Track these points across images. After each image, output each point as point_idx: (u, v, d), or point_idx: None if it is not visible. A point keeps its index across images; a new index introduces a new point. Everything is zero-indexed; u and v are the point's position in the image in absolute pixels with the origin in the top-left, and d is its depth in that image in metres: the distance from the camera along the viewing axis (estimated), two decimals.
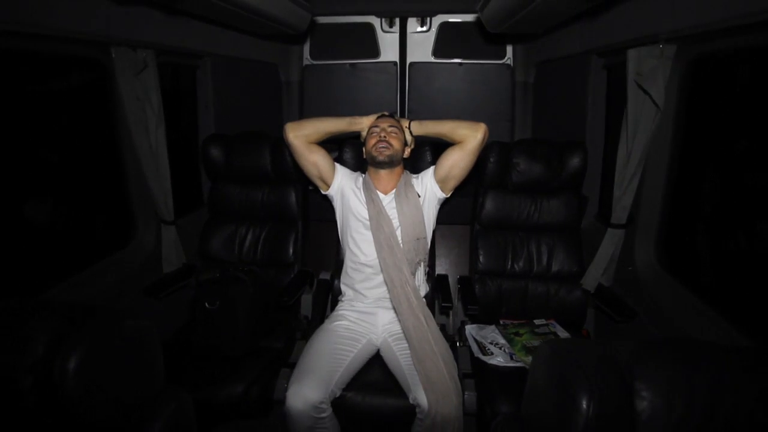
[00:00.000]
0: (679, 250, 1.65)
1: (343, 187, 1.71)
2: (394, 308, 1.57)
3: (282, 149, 1.93)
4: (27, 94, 1.50)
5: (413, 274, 1.64)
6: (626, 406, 0.63)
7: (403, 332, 1.50)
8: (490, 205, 1.97)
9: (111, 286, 1.72)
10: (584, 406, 0.62)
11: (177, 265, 2.02)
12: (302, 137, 1.62)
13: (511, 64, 3.02)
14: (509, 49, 3.01)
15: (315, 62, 3.11)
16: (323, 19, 3.00)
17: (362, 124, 1.72)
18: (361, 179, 1.74)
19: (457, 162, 1.59)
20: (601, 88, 2.01)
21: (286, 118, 3.16)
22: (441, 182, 1.65)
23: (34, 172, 1.55)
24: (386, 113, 1.75)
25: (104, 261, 1.73)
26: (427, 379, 1.38)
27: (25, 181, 1.53)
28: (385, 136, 1.64)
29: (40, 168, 1.59)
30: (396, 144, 1.65)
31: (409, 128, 1.69)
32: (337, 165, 1.74)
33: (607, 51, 1.86)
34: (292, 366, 1.69)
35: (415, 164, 1.95)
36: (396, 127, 1.67)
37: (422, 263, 1.70)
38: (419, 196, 1.67)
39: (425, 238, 1.68)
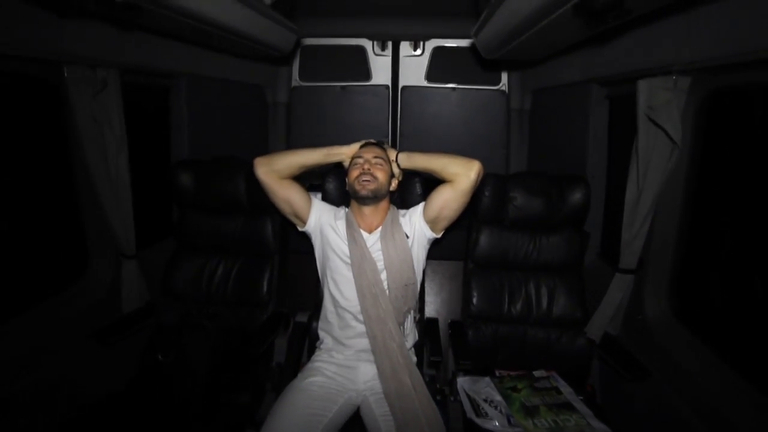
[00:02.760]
0: (695, 301, 1.48)
1: (322, 224, 1.54)
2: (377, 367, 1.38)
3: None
4: None
5: (401, 324, 1.46)
6: None
7: (385, 397, 1.31)
8: (484, 241, 1.80)
9: (57, 330, 1.51)
10: None
11: (139, 304, 1.81)
12: (273, 174, 1.47)
13: (506, 91, 2.93)
14: (504, 75, 2.92)
15: (304, 84, 2.99)
16: (313, 41, 2.90)
17: (342, 154, 1.55)
18: (343, 214, 1.56)
19: (448, 202, 1.42)
20: (603, 119, 1.89)
21: (272, 142, 3.02)
22: (431, 222, 1.49)
23: None
24: (372, 141, 1.59)
25: (49, 301, 1.52)
26: None
27: None
28: (368, 168, 1.46)
29: None
30: (381, 176, 1.48)
31: (396, 161, 1.53)
32: (315, 200, 1.57)
33: (611, 81, 1.75)
34: (259, 424, 1.47)
35: (403, 198, 1.78)
36: (381, 158, 1.51)
37: (411, 311, 1.52)
38: (407, 237, 1.50)
39: (414, 283, 1.50)
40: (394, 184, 1.57)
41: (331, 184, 1.84)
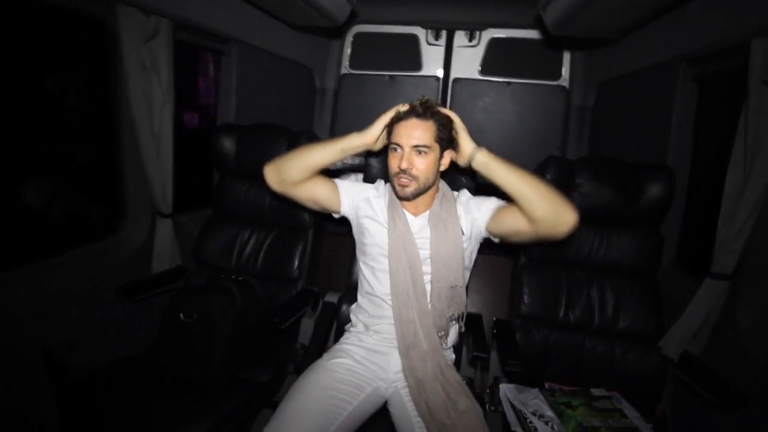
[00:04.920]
0: None
1: (357, 211, 1.33)
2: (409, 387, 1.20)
3: (300, 146, 1.67)
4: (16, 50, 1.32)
5: (440, 331, 1.24)
6: None
7: (420, 417, 1.14)
8: None
9: (85, 280, 1.47)
10: None
11: (169, 266, 1.76)
12: (287, 184, 1.26)
13: (567, 86, 2.71)
14: (565, 69, 2.71)
15: (353, 71, 2.94)
16: (366, 28, 2.85)
17: (363, 145, 1.22)
18: (383, 190, 1.34)
19: (521, 236, 1.18)
20: (690, 105, 1.64)
21: (317, 128, 2.98)
22: (494, 236, 1.26)
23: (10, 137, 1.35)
24: (418, 104, 1.15)
25: (79, 251, 1.48)
26: None
27: None
28: (406, 167, 1.16)
29: (18, 134, 1.39)
30: (423, 173, 1.17)
31: (470, 163, 1.14)
32: (341, 185, 1.34)
33: (703, 57, 1.51)
34: (277, 406, 1.35)
35: (454, 176, 1.60)
36: (425, 145, 1.15)
37: (456, 321, 1.29)
38: (463, 233, 1.25)
39: (462, 286, 1.26)
40: (447, 161, 1.23)
41: (374, 158, 1.70)
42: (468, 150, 1.15)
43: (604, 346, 1.52)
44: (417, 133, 1.15)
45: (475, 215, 1.26)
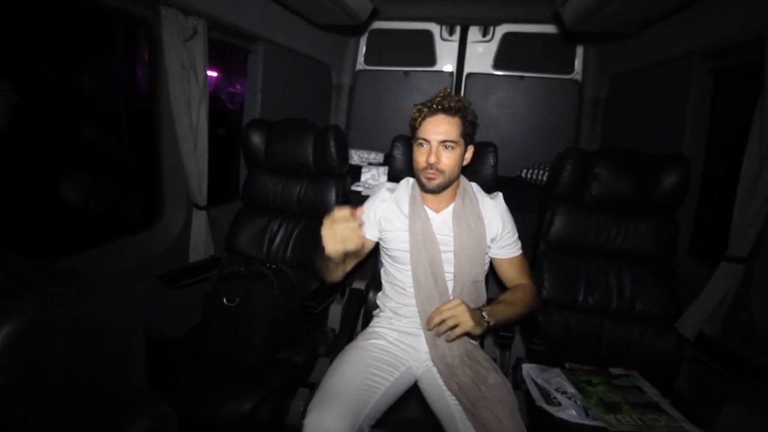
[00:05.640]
0: None
1: (380, 228, 1.40)
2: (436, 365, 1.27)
3: (327, 141, 1.74)
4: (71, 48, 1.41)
5: None
6: None
7: (453, 394, 1.20)
8: (561, 221, 1.66)
9: (127, 269, 1.56)
10: None
11: (204, 256, 1.84)
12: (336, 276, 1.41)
13: (580, 80, 2.76)
14: (578, 62, 2.77)
15: (368, 68, 3.01)
16: (381, 24, 2.91)
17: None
18: (389, 195, 1.38)
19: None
20: (706, 99, 1.69)
21: (333, 121, 3.05)
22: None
23: (61, 131, 1.44)
24: (443, 105, 1.19)
25: (123, 240, 1.57)
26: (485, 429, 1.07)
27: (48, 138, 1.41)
28: (434, 162, 1.21)
29: (68, 127, 1.48)
30: (450, 167, 1.22)
31: (487, 323, 1.16)
32: (366, 229, 1.38)
33: (719, 51, 1.57)
34: (311, 386, 1.43)
35: (474, 169, 1.66)
36: (453, 141, 1.20)
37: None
38: (480, 218, 1.31)
39: (483, 281, 1.34)
40: (469, 156, 1.29)
41: (398, 149, 1.76)
42: (480, 325, 1.13)
43: (622, 329, 1.58)
44: (444, 128, 1.20)
45: (498, 236, 1.34)
